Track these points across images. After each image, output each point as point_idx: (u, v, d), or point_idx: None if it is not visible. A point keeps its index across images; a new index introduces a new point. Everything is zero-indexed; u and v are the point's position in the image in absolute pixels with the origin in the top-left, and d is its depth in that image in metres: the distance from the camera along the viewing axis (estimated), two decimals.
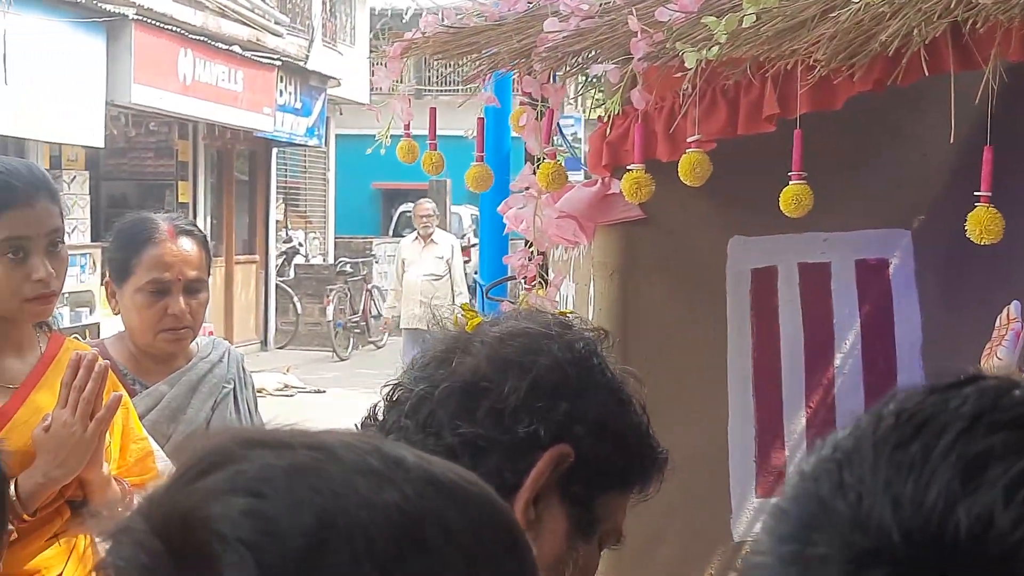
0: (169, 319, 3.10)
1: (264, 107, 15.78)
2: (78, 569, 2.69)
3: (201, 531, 0.75)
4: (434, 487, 0.81)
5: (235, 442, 0.81)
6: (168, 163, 16.01)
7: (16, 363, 2.74)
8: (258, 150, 18.09)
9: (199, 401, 3.17)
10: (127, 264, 3.13)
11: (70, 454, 2.58)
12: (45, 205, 2.66)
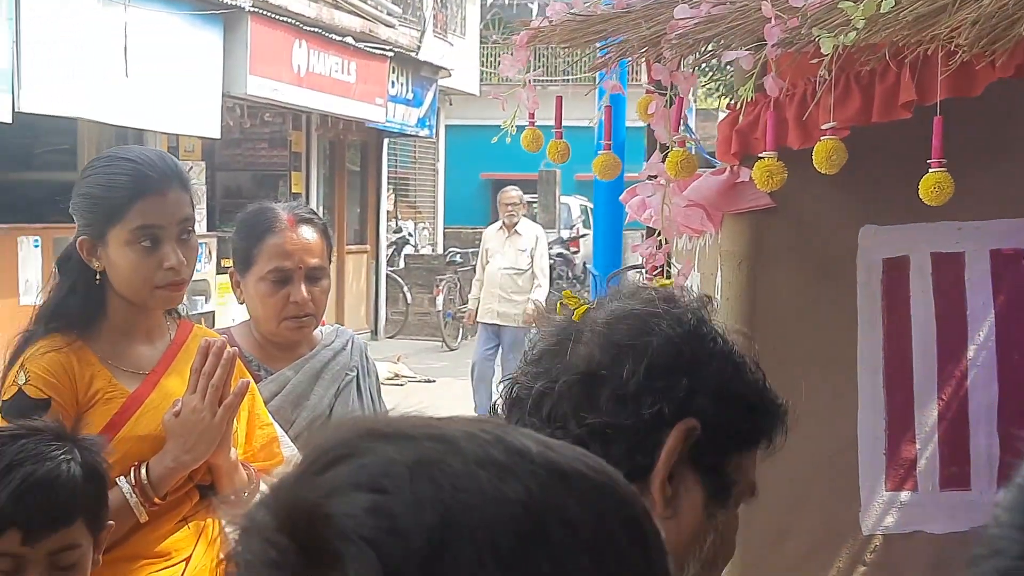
0: (292, 307, 3.13)
1: (376, 98, 15.90)
2: (207, 552, 2.73)
3: (326, 528, 0.75)
4: (558, 479, 0.80)
5: (358, 435, 0.81)
6: (282, 154, 16.20)
7: (147, 349, 2.78)
8: (370, 141, 18.23)
9: (322, 388, 3.20)
10: (249, 253, 3.16)
11: (199, 439, 2.62)
12: (177, 194, 2.70)
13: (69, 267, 2.74)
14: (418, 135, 18.80)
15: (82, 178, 2.76)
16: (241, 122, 14.35)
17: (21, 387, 2.61)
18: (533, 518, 0.77)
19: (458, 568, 0.74)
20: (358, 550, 0.73)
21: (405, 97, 17.20)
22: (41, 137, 12.71)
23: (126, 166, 2.68)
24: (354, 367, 3.28)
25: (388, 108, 16.33)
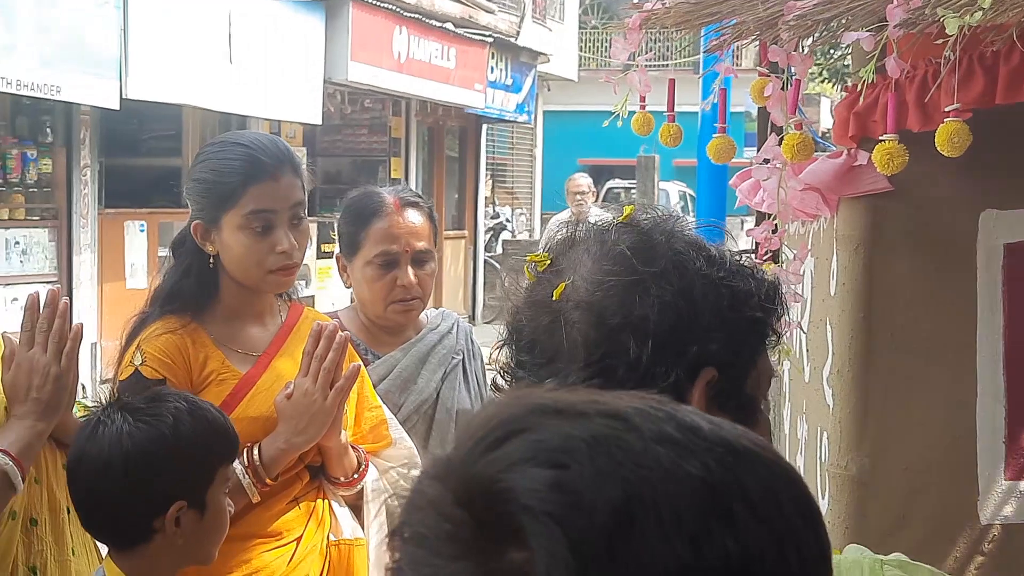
0: (398, 290, 3.14)
1: (475, 84, 15.93)
2: (317, 532, 2.76)
3: (505, 503, 0.75)
4: (733, 456, 0.80)
5: (528, 410, 0.81)
6: (381, 139, 16.30)
7: (259, 331, 2.81)
8: (468, 126, 18.28)
9: (429, 371, 3.21)
10: (356, 237, 3.17)
11: (311, 422, 2.64)
12: (289, 179, 2.72)
13: (183, 251, 2.77)
14: (516, 121, 18.80)
15: (196, 163, 2.80)
16: (342, 108, 14.46)
17: (137, 367, 2.65)
18: (715, 495, 0.77)
19: (644, 544, 0.74)
20: (542, 525, 0.73)
21: (504, 83, 17.22)
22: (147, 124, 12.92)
23: (239, 151, 2.71)
24: (460, 350, 3.28)
25: (487, 94, 16.36)
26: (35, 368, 2.33)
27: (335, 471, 2.79)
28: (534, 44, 18.19)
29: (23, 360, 2.35)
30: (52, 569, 2.35)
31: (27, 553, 2.33)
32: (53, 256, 10.83)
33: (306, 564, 2.72)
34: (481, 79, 16.10)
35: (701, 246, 1.44)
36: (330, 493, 2.81)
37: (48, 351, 2.35)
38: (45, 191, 10.86)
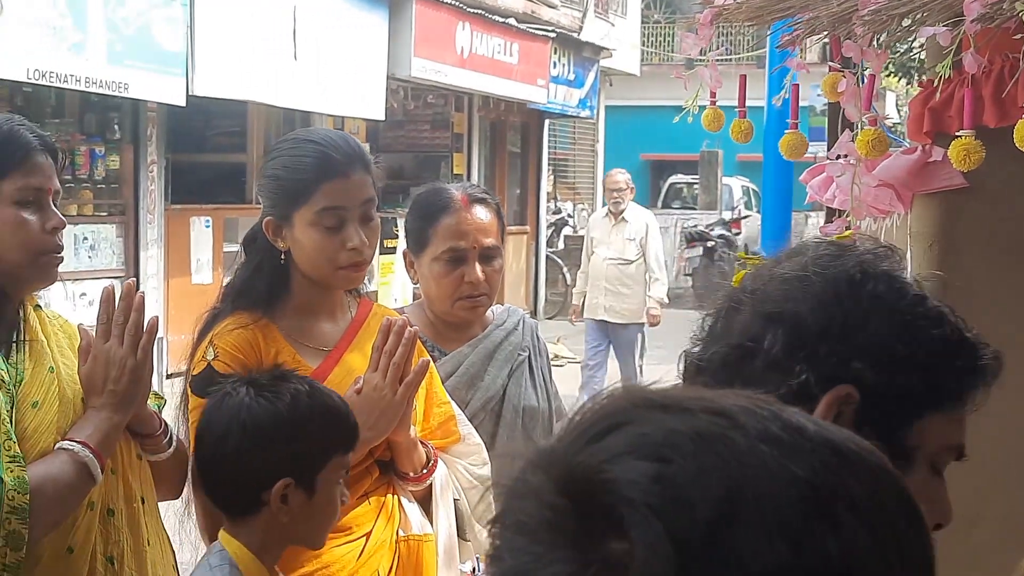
0: (466, 287, 3.14)
1: (538, 79, 15.93)
2: (386, 527, 2.77)
3: (607, 493, 0.75)
4: (838, 458, 0.80)
5: (632, 404, 0.81)
6: (444, 135, 16.35)
7: (329, 326, 2.83)
8: (530, 122, 18.28)
9: (495, 368, 3.21)
10: (424, 234, 3.18)
11: (380, 417, 2.65)
12: (360, 176, 2.74)
13: (255, 247, 2.80)
14: (579, 116, 18.78)
15: (268, 160, 2.82)
16: (404, 104, 14.51)
17: (210, 363, 2.68)
18: (820, 497, 0.77)
19: (745, 542, 0.74)
20: (643, 517, 0.74)
21: (566, 78, 17.21)
22: (212, 120, 13.03)
23: (311, 148, 2.73)
24: (526, 347, 3.28)
25: (550, 89, 16.35)
26: (111, 360, 2.37)
27: (404, 466, 2.80)
28: (597, 39, 18.16)
29: (100, 352, 2.38)
30: (128, 559, 2.39)
31: (105, 543, 2.36)
32: (120, 252, 10.96)
33: (376, 559, 2.73)
34: (544, 74, 16.09)
35: (895, 278, 1.43)
36: (399, 488, 2.82)
37: (124, 344, 2.38)
38: (113, 187, 11.00)
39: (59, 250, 2.39)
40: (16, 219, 2.32)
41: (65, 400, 2.35)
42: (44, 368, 2.36)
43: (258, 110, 12.53)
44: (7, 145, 2.33)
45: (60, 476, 2.25)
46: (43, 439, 2.29)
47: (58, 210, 2.40)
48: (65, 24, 9.06)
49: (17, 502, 2.17)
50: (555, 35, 16.32)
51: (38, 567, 2.25)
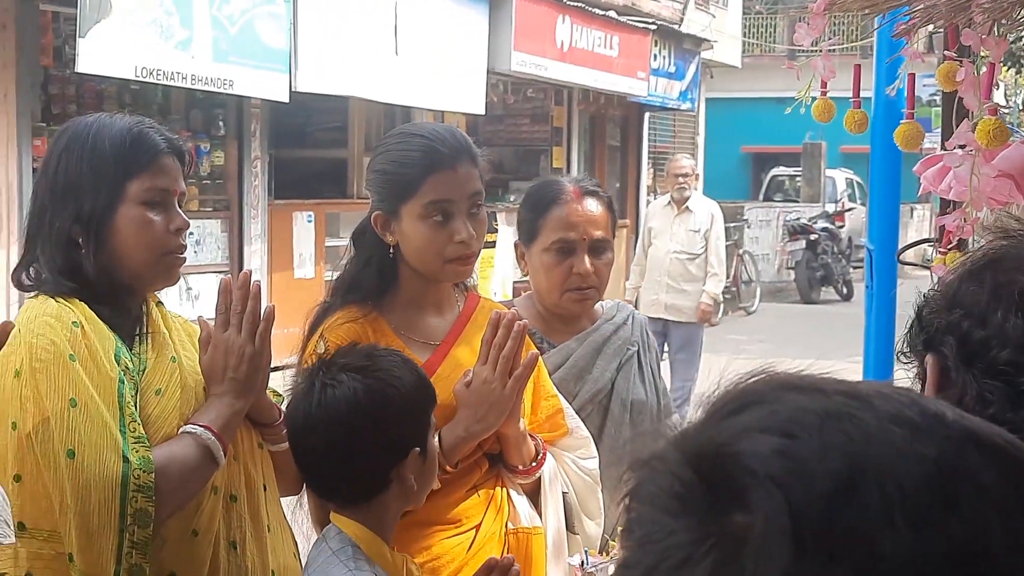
0: (575, 278, 3.14)
1: (638, 71, 15.87)
2: (496, 519, 2.78)
3: (732, 465, 0.76)
4: (973, 445, 0.78)
5: (769, 384, 0.83)
6: (543, 129, 16.35)
7: (437, 320, 2.84)
8: (630, 115, 18.22)
9: (604, 362, 3.20)
10: (534, 225, 3.19)
11: (490, 410, 2.66)
12: (467, 169, 2.75)
13: (364, 241, 2.82)
14: (679, 109, 18.68)
15: (376, 155, 2.84)
16: (504, 98, 14.54)
17: (320, 356, 2.70)
18: (945, 478, 0.76)
19: (864, 516, 0.74)
20: (764, 488, 0.74)
21: (667, 70, 17.11)
22: (314, 116, 13.18)
23: (418, 142, 2.74)
24: (635, 342, 3.27)
25: (650, 82, 16.28)
26: (230, 349, 2.41)
27: (513, 459, 2.80)
28: (697, 31, 18.04)
29: (219, 341, 2.42)
30: (250, 544, 2.43)
31: (228, 528, 2.41)
32: (225, 247, 11.13)
33: (485, 551, 2.73)
34: (644, 67, 16.02)
35: None
36: (508, 481, 2.83)
37: (242, 332, 2.42)
38: (218, 183, 11.17)
39: (182, 250, 2.43)
40: (142, 219, 2.37)
41: (187, 388, 2.40)
42: (166, 358, 2.41)
43: (359, 105, 12.64)
44: (136, 147, 2.38)
45: (184, 457, 2.30)
46: (166, 425, 2.34)
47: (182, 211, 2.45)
48: (172, 23, 9.21)
49: (143, 481, 2.22)
50: (656, 27, 16.24)
51: (164, 548, 2.29)
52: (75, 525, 2.20)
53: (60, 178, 2.37)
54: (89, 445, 2.21)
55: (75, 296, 2.34)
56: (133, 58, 8.87)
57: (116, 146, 2.36)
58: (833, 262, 20.59)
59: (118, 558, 2.21)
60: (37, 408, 2.21)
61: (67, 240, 2.36)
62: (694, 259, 9.36)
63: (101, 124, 2.40)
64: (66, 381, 2.23)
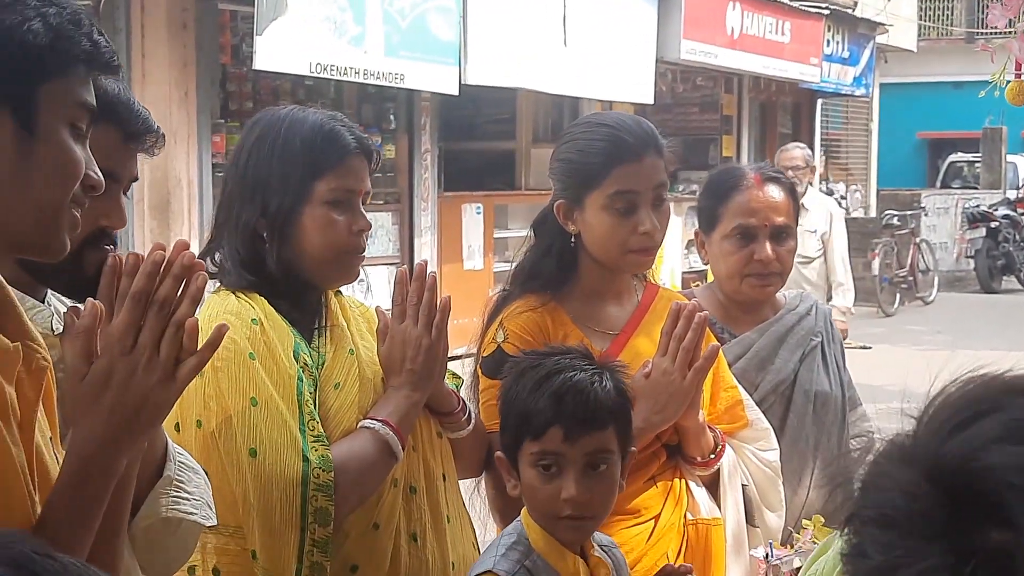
0: (755, 265, 3.10)
1: (811, 57, 15.59)
2: (675, 510, 2.75)
3: (982, 480, 0.73)
4: None
5: (992, 389, 0.79)
6: (712, 117, 16.19)
7: (616, 310, 2.83)
8: (802, 102, 17.92)
9: (787, 352, 3.15)
10: (715, 211, 3.15)
11: (668, 401, 2.63)
12: (653, 160, 2.72)
13: (544, 230, 2.81)
14: (852, 95, 18.29)
15: (561, 144, 2.83)
16: (673, 87, 14.44)
17: (500, 344, 2.71)
18: None
19: None
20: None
21: (840, 56, 16.77)
22: (483, 108, 13.26)
23: (604, 132, 2.73)
24: (819, 332, 3.20)
25: (823, 68, 15.98)
26: (407, 340, 2.42)
27: (692, 451, 2.77)
28: (872, 15, 17.62)
29: (396, 333, 2.43)
30: (430, 536, 2.44)
31: (408, 520, 2.42)
32: (396, 238, 11.28)
33: (664, 542, 2.71)
34: (816, 53, 15.73)
35: None
36: (687, 472, 2.80)
37: (419, 323, 2.43)
38: (389, 176, 11.32)
39: (362, 250, 2.45)
40: (326, 219, 2.38)
41: (365, 381, 2.42)
42: (344, 351, 2.43)
43: (527, 97, 12.68)
44: (326, 146, 2.39)
45: (363, 454, 2.31)
46: (345, 419, 2.36)
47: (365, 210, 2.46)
48: (345, 18, 9.37)
49: (322, 479, 2.24)
50: (829, 12, 15.92)
51: (347, 542, 2.32)
52: (258, 523, 2.24)
53: (249, 171, 2.40)
54: (270, 444, 2.24)
55: (255, 290, 2.38)
56: (308, 54, 9.04)
57: (306, 145, 2.38)
58: (1015, 250, 19.97)
59: (299, 556, 2.24)
60: (220, 407, 2.25)
61: (252, 233, 2.39)
62: (809, 263, 8.38)
63: (293, 119, 2.42)
64: (247, 380, 2.27)
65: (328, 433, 2.32)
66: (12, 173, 1.49)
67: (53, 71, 1.50)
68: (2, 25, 1.47)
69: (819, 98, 18.12)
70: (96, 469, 1.54)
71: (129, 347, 1.54)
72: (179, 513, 1.89)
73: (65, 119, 1.52)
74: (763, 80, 15.94)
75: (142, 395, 1.53)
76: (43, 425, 1.60)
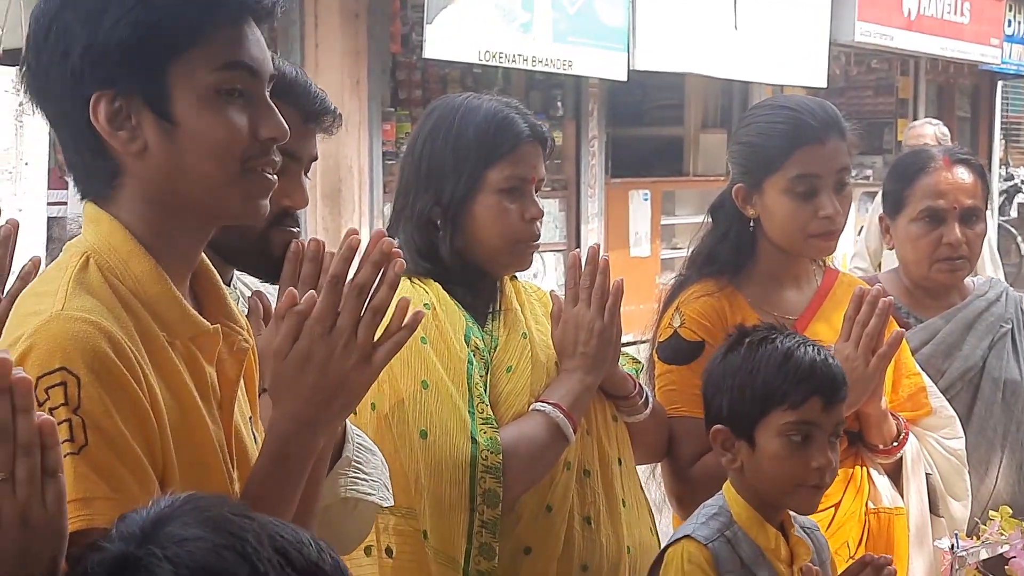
0: (944, 248, 3.03)
1: (991, 38, 15.09)
2: (856, 498, 2.71)
3: None
4: None
5: None
6: (887, 101, 15.81)
7: (794, 294, 2.79)
8: (981, 84, 17.37)
9: (975, 339, 3.06)
10: (901, 195, 3.10)
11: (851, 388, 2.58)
12: (836, 143, 2.68)
13: (722, 214, 2.79)
14: None
15: (740, 127, 2.80)
16: (847, 70, 14.14)
17: (676, 329, 2.69)
18: None
19: None
20: None
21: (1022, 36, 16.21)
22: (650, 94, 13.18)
23: (786, 114, 2.69)
24: (1009, 319, 3.11)
25: (1004, 48, 15.45)
26: (580, 324, 2.42)
27: (874, 438, 2.72)
28: None
29: (569, 317, 2.44)
30: (604, 519, 2.43)
31: (582, 503, 2.42)
32: (563, 225, 11.28)
33: (844, 531, 2.68)
34: (997, 33, 15.22)
35: None
36: (868, 460, 2.75)
37: (592, 307, 2.42)
38: (556, 163, 11.32)
39: (535, 238, 2.43)
40: (499, 208, 2.39)
41: (538, 364, 2.42)
42: (517, 335, 2.44)
43: (696, 82, 12.56)
44: (499, 133, 2.39)
45: (533, 436, 2.32)
46: (517, 402, 2.37)
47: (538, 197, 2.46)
48: (514, 5, 9.39)
49: (491, 462, 2.26)
50: None
51: (519, 524, 2.32)
52: (429, 503, 2.26)
53: (424, 160, 2.42)
54: (440, 426, 2.27)
55: (430, 276, 2.40)
56: (476, 42, 9.10)
57: (479, 133, 2.38)
58: None
59: (469, 537, 2.26)
60: (393, 390, 2.28)
61: (426, 222, 2.41)
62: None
63: (467, 107, 2.43)
64: (419, 363, 2.29)
65: (500, 416, 2.33)
66: (167, 160, 1.51)
67: (181, 44, 1.49)
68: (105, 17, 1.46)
69: (999, 80, 17.53)
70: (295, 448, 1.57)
71: (328, 329, 1.55)
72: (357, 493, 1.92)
73: (208, 89, 1.51)
74: (941, 62, 15.48)
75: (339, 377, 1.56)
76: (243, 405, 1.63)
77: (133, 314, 1.50)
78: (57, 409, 1.38)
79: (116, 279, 1.52)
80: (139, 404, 1.44)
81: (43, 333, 1.42)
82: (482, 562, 2.27)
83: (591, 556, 2.39)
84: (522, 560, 2.33)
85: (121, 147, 1.51)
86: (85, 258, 1.52)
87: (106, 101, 1.49)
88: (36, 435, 1.18)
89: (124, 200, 1.55)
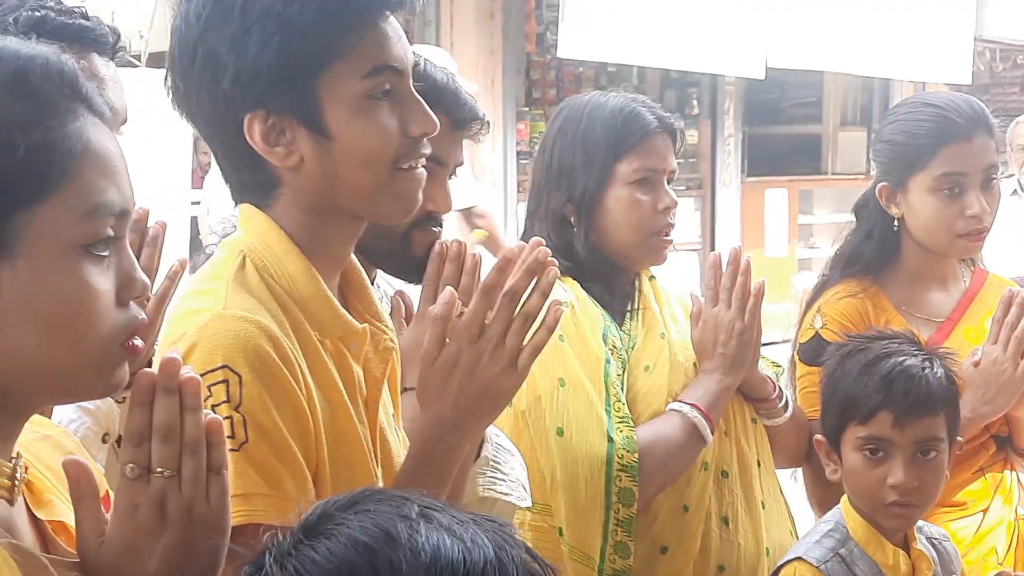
0: None
1: None
2: (1004, 504, 2.65)
3: None
4: None
5: None
6: None
7: (941, 296, 2.74)
8: None
9: None
10: None
11: (999, 391, 2.54)
12: (983, 140, 2.63)
13: (866, 213, 2.75)
14: None
15: (884, 124, 2.76)
16: (991, 66, 13.81)
17: (818, 331, 2.66)
18: None
19: None
20: None
21: None
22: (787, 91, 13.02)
23: (931, 112, 2.64)
24: None
25: None
26: (720, 324, 2.40)
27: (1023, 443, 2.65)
28: None
29: (708, 317, 2.42)
30: (743, 520, 2.42)
31: (719, 504, 2.40)
32: (697, 224, 11.21)
33: (992, 536, 2.63)
34: None
35: None
36: (1017, 465, 2.69)
37: (732, 308, 2.41)
38: (691, 161, 11.26)
39: (670, 230, 2.43)
40: (630, 199, 2.39)
41: (676, 364, 2.41)
42: (655, 334, 2.43)
43: (834, 79, 12.38)
44: (626, 126, 2.40)
45: (670, 436, 2.31)
46: (654, 401, 2.37)
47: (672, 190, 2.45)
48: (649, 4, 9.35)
49: (626, 460, 2.26)
50: None
51: (656, 523, 2.32)
52: (564, 500, 2.27)
53: (555, 159, 2.44)
54: (576, 424, 2.27)
55: (568, 274, 2.40)
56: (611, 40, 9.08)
57: (607, 127, 2.40)
58: None
59: (604, 535, 2.26)
60: (530, 387, 2.29)
61: (560, 219, 2.42)
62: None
63: (594, 105, 2.44)
64: (556, 362, 2.30)
65: (636, 415, 2.33)
66: (322, 170, 1.53)
67: (326, 59, 1.49)
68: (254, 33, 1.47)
69: None
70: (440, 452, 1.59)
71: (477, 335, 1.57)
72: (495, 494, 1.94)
73: (357, 98, 1.52)
74: None
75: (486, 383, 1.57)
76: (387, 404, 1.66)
77: (288, 313, 1.53)
78: (219, 406, 1.41)
79: (271, 278, 1.55)
80: (297, 402, 1.47)
81: (206, 332, 1.45)
82: (617, 560, 2.27)
83: (728, 557, 2.38)
84: (658, 559, 2.33)
85: (278, 162, 1.54)
86: (242, 257, 1.55)
87: (260, 120, 1.51)
88: (203, 434, 1.19)
89: (280, 208, 1.58)
